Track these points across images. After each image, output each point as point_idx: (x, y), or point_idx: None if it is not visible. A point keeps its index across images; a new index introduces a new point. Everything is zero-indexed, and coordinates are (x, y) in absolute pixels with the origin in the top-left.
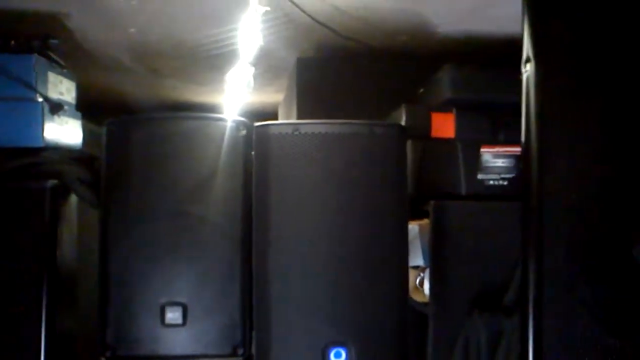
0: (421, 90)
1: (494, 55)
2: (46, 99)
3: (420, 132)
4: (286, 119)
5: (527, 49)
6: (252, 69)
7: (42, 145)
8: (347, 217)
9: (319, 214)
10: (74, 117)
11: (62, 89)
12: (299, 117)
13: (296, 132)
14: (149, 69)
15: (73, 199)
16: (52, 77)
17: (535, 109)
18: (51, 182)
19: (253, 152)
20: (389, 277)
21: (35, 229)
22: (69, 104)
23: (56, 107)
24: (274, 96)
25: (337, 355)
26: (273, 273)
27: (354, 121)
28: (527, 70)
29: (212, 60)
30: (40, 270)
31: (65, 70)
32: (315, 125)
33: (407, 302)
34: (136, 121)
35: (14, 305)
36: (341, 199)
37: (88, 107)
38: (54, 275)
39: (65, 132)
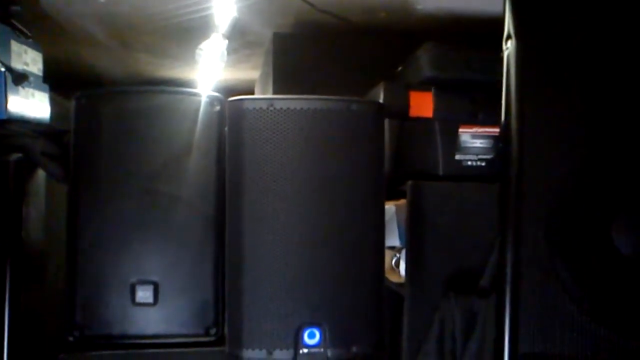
0: (399, 68)
1: (474, 35)
2: (9, 69)
3: (398, 111)
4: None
5: (508, 25)
6: (226, 42)
7: (4, 117)
8: (322, 195)
9: (294, 192)
10: (40, 89)
11: (27, 59)
12: (275, 94)
13: (271, 108)
14: (122, 43)
15: (41, 174)
16: (15, 46)
17: (515, 88)
18: (15, 156)
19: (226, 128)
20: (365, 258)
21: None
22: (35, 75)
23: (20, 78)
24: (250, 73)
25: (311, 335)
26: (246, 253)
27: (330, 97)
28: (508, 48)
29: (184, 34)
30: (3, 248)
31: (30, 40)
32: (291, 101)
33: (384, 282)
34: (106, 95)
35: None
36: (316, 177)
37: (58, 81)
38: (18, 253)
39: (31, 105)
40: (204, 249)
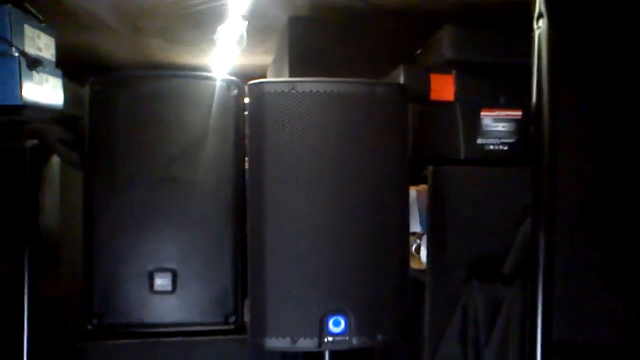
0: (419, 51)
1: (495, 17)
2: (23, 54)
3: (418, 94)
4: None
5: (539, 4)
6: (245, 24)
7: (20, 103)
8: (346, 180)
9: (317, 177)
10: (54, 75)
11: (41, 44)
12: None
13: (293, 91)
14: (133, 28)
15: (55, 160)
16: (29, 31)
17: (547, 68)
18: (31, 142)
19: (246, 112)
20: (390, 244)
21: (16, 192)
22: (48, 61)
23: (35, 63)
24: (263, 58)
25: (336, 323)
26: (268, 240)
27: (354, 80)
28: (540, 27)
29: (198, 18)
30: (22, 235)
31: (43, 25)
32: (313, 84)
33: (408, 269)
34: (122, 80)
35: None
36: (340, 162)
37: (69, 67)
38: (36, 240)
39: (45, 90)
40: (222, 236)
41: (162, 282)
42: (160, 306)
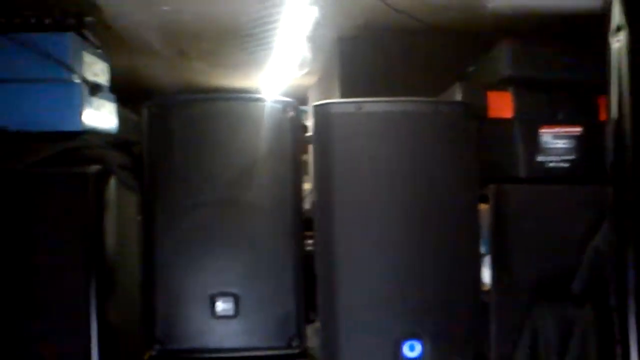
0: (472, 68)
1: (544, 31)
2: (84, 80)
3: (476, 111)
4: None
5: (618, 17)
6: (309, 45)
7: (80, 129)
8: (416, 200)
9: (387, 197)
10: (109, 100)
11: (97, 70)
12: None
13: (360, 111)
14: (178, 51)
15: (112, 185)
16: (87, 57)
17: (628, 83)
18: (94, 168)
19: (310, 133)
20: (462, 265)
21: (80, 216)
22: (103, 86)
23: (95, 88)
24: (301, 80)
25: (411, 348)
26: (339, 263)
27: (417, 99)
28: (619, 40)
29: (244, 40)
30: (88, 259)
31: (99, 51)
32: (379, 104)
33: (480, 290)
34: (178, 103)
35: (62, 297)
36: (408, 181)
37: (116, 91)
38: (101, 264)
39: (102, 115)
40: (283, 259)
41: (224, 306)
42: (222, 331)
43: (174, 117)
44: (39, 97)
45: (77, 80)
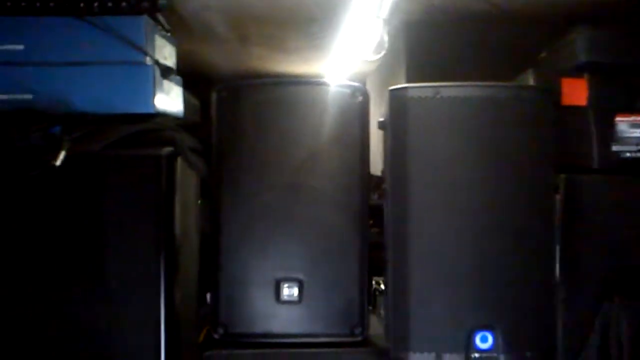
0: (543, 53)
1: (621, 17)
2: (157, 62)
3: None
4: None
5: None
6: (386, 27)
7: (153, 111)
8: (493, 188)
9: (463, 184)
10: (176, 83)
11: (166, 53)
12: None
13: (438, 96)
14: (239, 36)
15: (180, 167)
16: (158, 40)
17: None
18: (167, 150)
19: (382, 119)
20: (538, 255)
21: (152, 198)
22: (173, 69)
23: (167, 71)
24: (360, 67)
25: (484, 339)
26: (412, 249)
27: (498, 84)
28: None
29: (310, 25)
30: (158, 240)
31: (168, 34)
32: (458, 89)
33: (555, 281)
34: (248, 87)
35: (132, 279)
36: (487, 170)
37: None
38: (171, 247)
39: (170, 98)
40: (348, 246)
41: (289, 291)
42: (286, 316)
43: (243, 101)
44: (113, 80)
45: (150, 63)
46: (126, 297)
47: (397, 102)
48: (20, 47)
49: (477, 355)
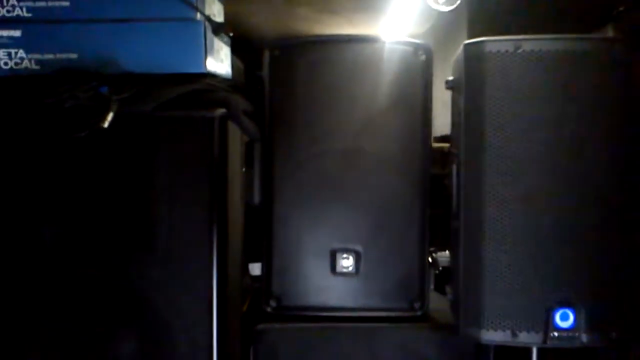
0: (621, 8)
1: None
2: (208, 18)
3: None
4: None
5: None
6: None
7: (204, 71)
8: (582, 156)
9: (545, 148)
10: (225, 42)
11: (215, 10)
12: None
13: (519, 50)
14: None
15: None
16: None
17: None
18: (220, 111)
19: (452, 78)
20: (627, 229)
21: (205, 161)
22: (223, 27)
23: (219, 28)
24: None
25: (564, 317)
26: (487, 217)
27: (589, 36)
28: None
29: None
30: (211, 206)
31: None
32: (542, 42)
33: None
34: (302, 45)
35: (184, 246)
36: (573, 132)
37: None
38: (223, 217)
39: (220, 58)
40: (409, 215)
41: (345, 263)
42: (342, 289)
43: (297, 59)
44: (161, 37)
45: (201, 19)
46: (178, 265)
47: (473, 58)
48: (66, 3)
49: (556, 334)
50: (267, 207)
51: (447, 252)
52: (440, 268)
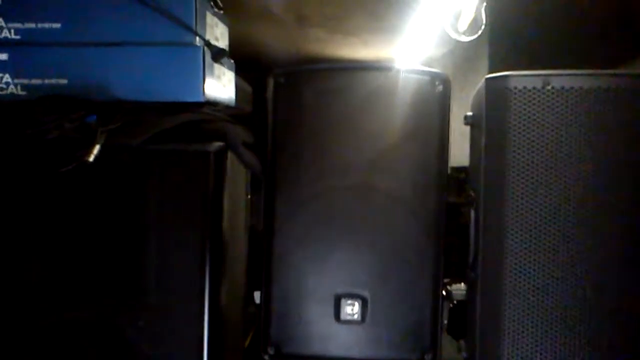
0: None
1: None
2: (208, 43)
3: None
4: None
5: None
6: (483, 4)
7: (202, 100)
8: (611, 196)
9: (576, 198)
10: (229, 67)
11: (217, 33)
12: (491, 71)
13: (548, 87)
14: (297, 17)
15: (229, 164)
16: (209, 18)
17: None
18: (216, 145)
19: (470, 113)
20: None
21: (198, 198)
22: (225, 52)
23: (219, 53)
24: (425, 53)
25: None
26: (507, 274)
27: (623, 72)
28: None
29: (374, 2)
30: (203, 241)
31: (220, 12)
32: (573, 78)
33: None
34: (309, 72)
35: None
36: (605, 174)
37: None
38: (218, 250)
39: (222, 85)
40: (421, 258)
41: (350, 309)
42: (347, 338)
43: (303, 88)
44: (157, 63)
45: (200, 44)
46: (167, 311)
47: (495, 94)
48: (57, 25)
49: None
50: (267, 245)
51: (462, 284)
52: (455, 302)
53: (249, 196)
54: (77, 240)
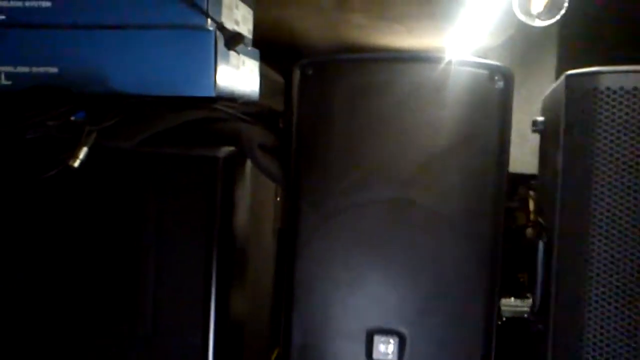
0: None
1: None
2: (221, 27)
3: None
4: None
5: None
6: None
7: (213, 94)
8: None
9: None
10: (251, 56)
11: (238, 16)
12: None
13: None
14: (337, 1)
15: (247, 167)
16: None
17: None
18: (226, 150)
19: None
20: None
21: (206, 206)
22: (245, 38)
23: (234, 40)
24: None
25: None
26: (589, 331)
27: None
28: None
29: None
30: (209, 255)
31: None
32: None
33: None
34: (342, 63)
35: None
36: None
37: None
38: (227, 263)
39: (241, 76)
40: (471, 289)
41: (384, 348)
42: None
43: (335, 81)
44: (161, 50)
45: (212, 28)
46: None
47: (580, 95)
48: (47, 3)
49: None
50: (288, 268)
51: (512, 299)
52: (504, 319)
53: (278, 199)
54: (60, 258)
